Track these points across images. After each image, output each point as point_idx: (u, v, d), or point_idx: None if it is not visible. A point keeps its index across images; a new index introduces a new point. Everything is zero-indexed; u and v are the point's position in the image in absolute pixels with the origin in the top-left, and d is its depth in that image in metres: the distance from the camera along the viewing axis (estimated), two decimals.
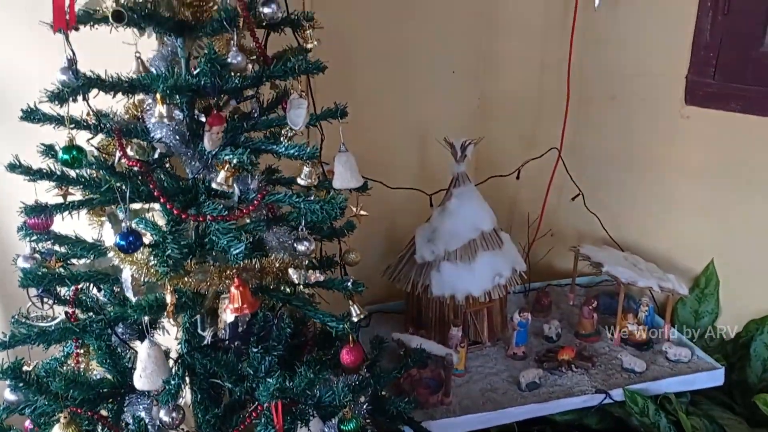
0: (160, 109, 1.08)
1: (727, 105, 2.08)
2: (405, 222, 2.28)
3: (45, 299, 1.39)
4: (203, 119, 1.31)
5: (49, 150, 1.31)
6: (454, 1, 2.32)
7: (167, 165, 1.35)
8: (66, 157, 1.16)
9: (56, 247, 1.37)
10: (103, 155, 1.27)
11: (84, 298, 1.40)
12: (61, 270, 1.29)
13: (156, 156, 1.25)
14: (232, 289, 1.15)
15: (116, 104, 1.31)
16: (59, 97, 1.13)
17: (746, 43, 2.02)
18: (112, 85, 1.18)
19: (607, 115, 2.31)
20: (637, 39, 2.19)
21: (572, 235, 2.47)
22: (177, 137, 1.25)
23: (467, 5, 2.37)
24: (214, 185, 1.16)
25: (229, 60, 1.14)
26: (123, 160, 1.23)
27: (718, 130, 2.11)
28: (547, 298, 2.24)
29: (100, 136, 1.31)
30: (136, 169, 1.21)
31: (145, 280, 1.21)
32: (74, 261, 1.39)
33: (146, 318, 1.21)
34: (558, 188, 2.43)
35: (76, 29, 1.18)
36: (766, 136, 2.02)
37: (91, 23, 1.18)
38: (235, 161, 1.14)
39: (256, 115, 1.30)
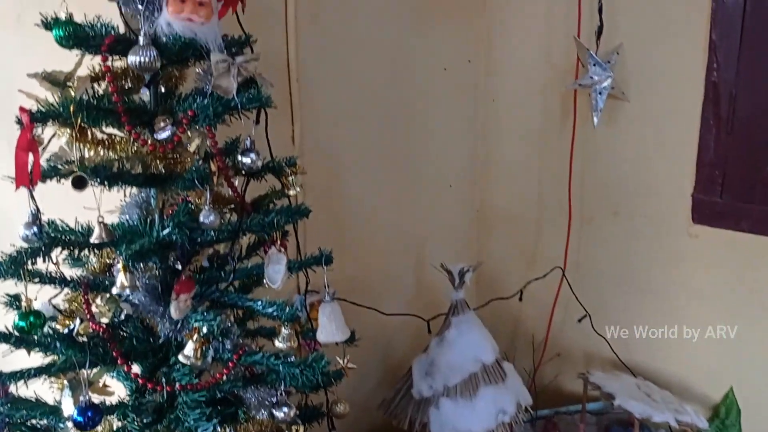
0: (122, 279, 0.99)
1: (736, 224, 1.99)
2: (401, 347, 2.16)
3: None
4: (179, 266, 1.23)
5: (14, 301, 1.22)
6: (448, 111, 2.29)
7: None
8: (22, 324, 1.07)
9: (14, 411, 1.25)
10: (64, 316, 1.17)
11: None
12: None
13: (122, 317, 1.16)
14: None
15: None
16: (16, 261, 1.05)
17: (753, 162, 1.96)
18: (77, 244, 1.10)
19: (611, 231, 2.23)
20: (638, 155, 2.13)
21: (580, 356, 2.34)
22: (146, 294, 1.16)
23: (462, 116, 2.34)
24: (181, 358, 1.05)
25: (201, 220, 1.06)
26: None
27: (728, 250, 2.01)
28: (555, 429, 2.08)
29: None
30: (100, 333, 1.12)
31: None
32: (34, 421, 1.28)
33: None
34: (563, 306, 2.32)
35: (43, 181, 1.12)
36: None
37: (58, 178, 1.11)
38: (205, 330, 1.04)
39: (233, 263, 1.21)
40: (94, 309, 1.20)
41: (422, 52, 2.14)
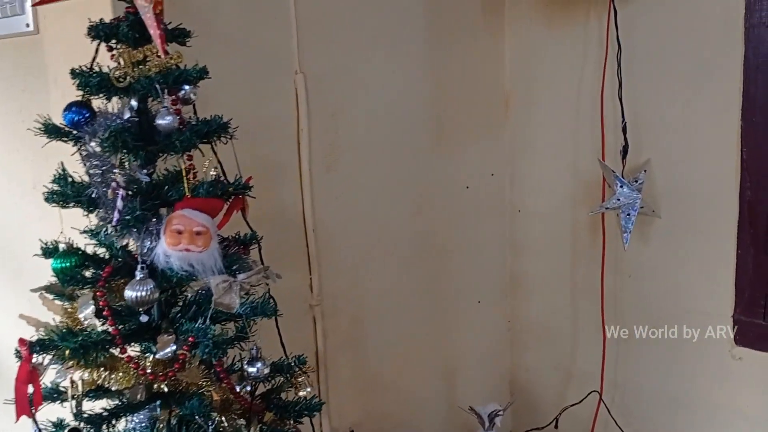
0: None
1: None
2: None
3: None
4: None
5: None
6: (473, 227, 2.24)
7: None
8: None
9: None
10: None
11: None
12: None
13: None
14: None
15: None
16: None
17: None
18: None
19: (650, 351, 2.12)
20: (673, 273, 2.03)
21: None
22: None
23: (487, 229, 2.28)
24: None
25: None
26: None
27: None
28: None
29: None
30: None
31: None
32: None
33: None
34: (603, 425, 2.21)
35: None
36: None
37: (60, 402, 1.09)
38: None
39: None
40: None
41: (443, 175, 2.10)
